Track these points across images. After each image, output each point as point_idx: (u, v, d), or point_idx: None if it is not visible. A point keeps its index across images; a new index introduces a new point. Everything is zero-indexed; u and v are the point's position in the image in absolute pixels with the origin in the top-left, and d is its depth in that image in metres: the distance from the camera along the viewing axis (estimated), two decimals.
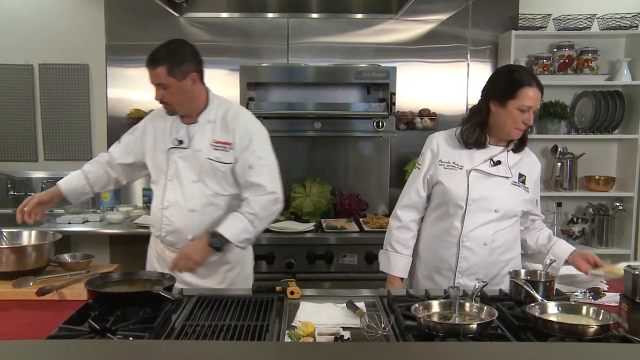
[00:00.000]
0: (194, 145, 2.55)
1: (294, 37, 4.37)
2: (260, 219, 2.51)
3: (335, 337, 1.80)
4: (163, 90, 2.48)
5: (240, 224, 2.48)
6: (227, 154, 2.54)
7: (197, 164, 2.54)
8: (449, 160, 2.48)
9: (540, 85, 2.37)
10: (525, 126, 2.40)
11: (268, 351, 1.41)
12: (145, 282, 2.16)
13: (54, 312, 2.03)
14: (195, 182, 2.55)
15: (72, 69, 4.40)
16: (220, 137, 2.55)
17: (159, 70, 2.46)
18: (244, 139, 2.55)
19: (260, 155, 2.56)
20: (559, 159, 4.40)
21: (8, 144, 4.45)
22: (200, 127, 2.57)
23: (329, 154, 4.31)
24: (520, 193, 2.46)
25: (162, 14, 4.18)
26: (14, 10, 4.35)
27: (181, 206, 2.55)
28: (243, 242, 2.51)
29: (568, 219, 4.52)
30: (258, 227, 2.52)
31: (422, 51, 4.40)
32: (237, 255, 2.66)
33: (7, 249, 2.38)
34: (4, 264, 2.32)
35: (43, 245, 2.46)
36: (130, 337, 1.72)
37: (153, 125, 2.68)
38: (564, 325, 1.70)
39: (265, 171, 2.56)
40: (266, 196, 2.53)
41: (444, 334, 1.71)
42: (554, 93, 4.41)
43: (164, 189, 2.59)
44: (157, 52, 2.50)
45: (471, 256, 2.45)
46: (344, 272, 3.58)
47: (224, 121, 2.58)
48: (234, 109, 2.63)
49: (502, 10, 4.39)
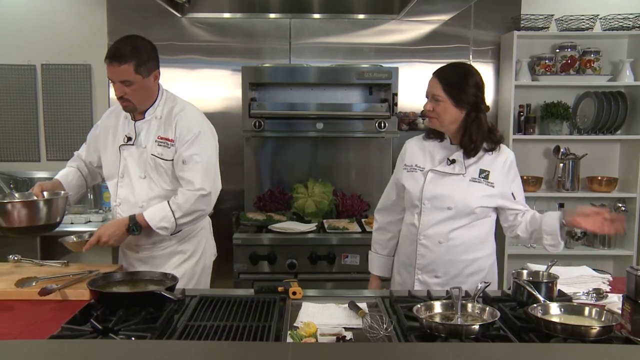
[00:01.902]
0: (140, 142, 2.61)
1: (296, 37, 4.37)
2: (182, 210, 2.54)
3: (337, 337, 1.80)
4: (126, 88, 2.50)
5: (162, 211, 2.54)
6: (168, 150, 2.58)
7: (143, 161, 2.60)
8: (412, 164, 2.57)
9: (436, 73, 2.45)
10: (430, 113, 2.45)
11: (270, 352, 1.42)
12: (147, 283, 2.16)
13: (57, 312, 2.03)
14: (143, 179, 2.62)
15: (74, 69, 4.40)
16: (164, 133, 2.59)
17: (124, 67, 2.46)
18: (183, 135, 2.58)
19: (195, 152, 2.57)
20: (561, 160, 4.39)
21: (11, 144, 4.47)
22: (146, 124, 2.62)
23: (331, 154, 4.31)
24: (482, 189, 2.45)
25: (164, 14, 4.19)
26: (16, 11, 4.36)
27: (131, 202, 2.62)
28: (161, 229, 2.55)
29: None
30: (180, 219, 2.55)
31: (424, 52, 4.40)
32: (194, 246, 2.76)
33: (19, 202, 2.39)
34: (17, 218, 2.34)
35: (54, 200, 2.46)
36: (133, 337, 1.72)
37: (106, 123, 2.73)
38: (567, 326, 1.70)
39: (197, 168, 2.57)
40: (194, 192, 2.55)
41: (446, 335, 1.71)
42: (556, 94, 4.42)
43: (116, 186, 2.67)
44: (121, 49, 2.47)
45: (428, 254, 2.50)
46: (346, 273, 3.57)
47: (168, 117, 2.61)
48: (179, 105, 2.66)
49: (504, 10, 4.39)
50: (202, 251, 2.81)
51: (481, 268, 2.51)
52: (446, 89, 2.40)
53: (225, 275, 3.63)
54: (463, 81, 2.41)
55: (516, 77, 4.28)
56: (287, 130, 4.06)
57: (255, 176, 4.30)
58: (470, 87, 2.41)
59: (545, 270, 2.24)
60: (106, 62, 2.48)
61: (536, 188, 4.44)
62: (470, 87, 2.41)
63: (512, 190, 2.51)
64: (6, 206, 2.35)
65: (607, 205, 4.41)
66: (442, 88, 2.40)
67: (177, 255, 2.73)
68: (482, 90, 2.44)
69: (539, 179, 4.47)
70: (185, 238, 2.74)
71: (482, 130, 2.43)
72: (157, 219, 2.53)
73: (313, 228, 3.74)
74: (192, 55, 4.35)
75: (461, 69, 2.48)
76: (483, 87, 2.45)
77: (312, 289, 2.32)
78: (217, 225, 4.21)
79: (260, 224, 3.79)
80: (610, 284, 2.43)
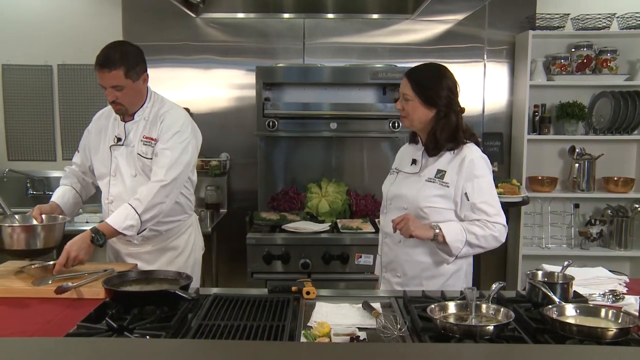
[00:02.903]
0: (128, 142, 2.68)
1: (310, 37, 4.37)
2: (144, 204, 2.53)
3: (351, 337, 1.80)
4: (117, 92, 2.58)
5: (125, 211, 2.53)
6: (151, 149, 2.65)
7: (132, 160, 2.68)
8: (394, 167, 2.64)
9: (407, 73, 2.47)
10: (400, 112, 2.48)
11: (284, 351, 1.42)
12: (161, 281, 2.17)
13: (72, 310, 2.04)
14: (134, 177, 2.68)
15: (89, 69, 4.42)
16: (149, 132, 2.67)
17: (115, 73, 2.54)
18: (163, 133, 2.64)
19: (168, 147, 2.62)
20: (577, 160, 4.36)
21: (27, 143, 4.51)
22: (135, 124, 2.69)
23: (344, 154, 4.31)
24: (435, 189, 2.42)
25: (179, 15, 4.21)
26: (34, 13, 4.41)
27: (124, 199, 2.64)
28: (128, 228, 2.52)
29: (586, 220, 4.49)
30: (144, 214, 2.53)
31: (438, 51, 4.39)
32: (184, 242, 2.84)
33: (19, 227, 2.45)
34: (15, 242, 2.39)
35: (53, 226, 2.51)
36: (147, 336, 1.73)
37: (97, 125, 2.80)
38: (583, 328, 1.68)
39: (165, 161, 2.60)
40: (154, 183, 2.57)
41: (461, 336, 1.70)
42: (572, 93, 4.38)
43: (109, 184, 2.73)
44: (109, 55, 2.55)
45: (389, 252, 2.57)
46: (360, 273, 3.57)
47: (155, 117, 2.69)
48: (166, 107, 2.73)
49: (519, 10, 4.36)
50: (192, 246, 2.90)
51: (441, 273, 2.46)
52: (415, 88, 2.41)
53: (238, 274, 3.65)
54: (432, 81, 2.42)
55: (531, 77, 4.26)
56: (301, 130, 4.06)
57: (269, 176, 4.31)
58: (440, 87, 2.41)
59: (560, 271, 2.22)
60: (96, 69, 2.56)
61: (551, 189, 4.41)
62: (440, 87, 2.41)
63: (466, 190, 2.39)
64: (6, 230, 2.40)
65: (624, 205, 4.37)
66: (411, 87, 2.42)
67: (169, 251, 2.80)
68: (453, 91, 2.43)
69: (554, 180, 4.44)
70: (175, 235, 2.81)
71: (447, 130, 2.41)
72: (120, 220, 2.51)
73: (327, 228, 3.74)
74: (206, 56, 4.37)
75: (432, 70, 2.49)
76: (455, 88, 2.44)
77: (326, 289, 2.32)
78: (231, 224, 4.26)
79: (274, 223, 3.79)
80: (627, 285, 2.40)
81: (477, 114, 4.43)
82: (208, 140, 4.02)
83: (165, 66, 4.29)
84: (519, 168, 4.35)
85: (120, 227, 2.51)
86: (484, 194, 2.38)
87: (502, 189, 3.97)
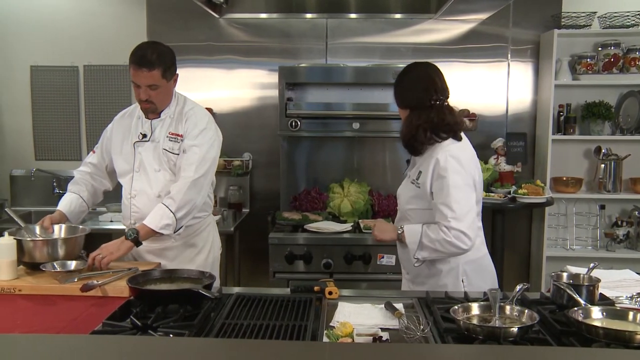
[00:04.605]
0: (154, 138, 2.73)
1: (333, 37, 4.37)
2: (177, 203, 2.58)
3: (373, 338, 1.80)
4: (152, 91, 2.63)
5: (159, 211, 2.58)
6: (177, 145, 2.71)
7: (157, 155, 2.73)
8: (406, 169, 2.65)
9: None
10: None
11: (307, 351, 1.42)
12: (185, 280, 2.19)
13: (97, 308, 2.07)
14: (158, 172, 2.73)
15: (114, 70, 4.49)
16: (174, 129, 2.73)
17: (154, 72, 2.58)
18: (190, 130, 2.71)
19: (196, 144, 2.69)
20: (603, 161, 4.30)
21: (54, 143, 4.59)
22: (161, 122, 2.75)
23: (367, 154, 4.31)
24: (412, 190, 2.46)
25: (202, 16, 4.24)
26: (60, 16, 4.48)
27: (148, 193, 2.71)
28: (164, 227, 2.57)
29: (612, 221, 4.42)
30: (178, 212, 2.58)
31: (462, 51, 4.36)
32: (204, 240, 2.88)
33: (40, 241, 2.48)
34: (37, 255, 2.43)
35: (73, 239, 2.55)
36: (171, 335, 1.75)
37: (120, 125, 2.85)
38: (610, 331, 1.66)
39: (194, 158, 2.66)
40: (184, 180, 2.63)
41: (484, 337, 1.69)
42: (598, 93, 4.33)
43: (132, 180, 2.76)
44: (148, 55, 2.59)
45: (400, 251, 2.59)
46: (382, 273, 3.56)
47: (180, 115, 2.75)
48: (190, 104, 2.81)
49: (544, 8, 4.31)
50: (211, 245, 2.93)
51: (433, 273, 2.45)
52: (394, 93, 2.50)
53: (261, 274, 3.67)
54: (398, 81, 2.47)
55: (556, 77, 4.20)
56: (324, 130, 4.06)
57: (291, 176, 4.32)
58: (404, 87, 2.44)
59: (586, 273, 2.19)
60: (133, 67, 2.59)
61: (576, 189, 4.36)
62: (404, 87, 2.44)
63: (433, 190, 2.36)
64: (28, 244, 2.44)
65: None
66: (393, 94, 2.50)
67: (190, 248, 2.83)
68: (417, 87, 2.40)
69: (579, 180, 4.38)
70: (195, 232, 2.84)
71: (408, 129, 2.39)
72: (157, 220, 2.56)
73: (349, 228, 3.73)
74: (229, 56, 4.39)
75: (403, 70, 2.50)
76: (419, 84, 2.40)
77: (348, 289, 2.31)
78: (253, 224, 4.27)
79: (296, 223, 3.80)
80: None
81: (501, 114, 4.39)
82: (231, 140, 4.07)
83: (189, 66, 4.32)
84: (543, 169, 4.30)
85: (157, 226, 2.56)
86: (444, 195, 2.31)
87: (526, 189, 3.93)
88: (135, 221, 2.73)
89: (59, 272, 2.35)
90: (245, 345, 1.56)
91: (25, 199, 4.53)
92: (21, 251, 2.41)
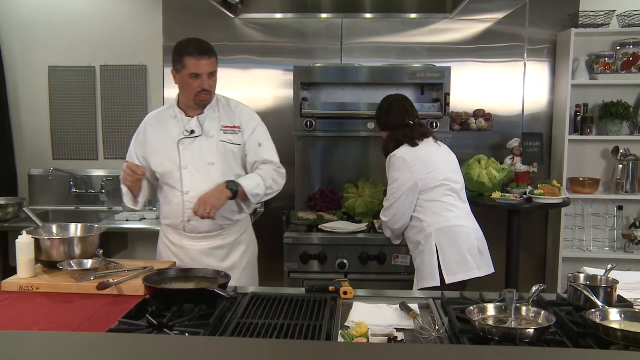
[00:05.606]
0: (206, 132, 2.79)
1: (348, 37, 4.37)
2: (268, 181, 2.80)
3: (389, 338, 1.79)
4: (211, 80, 2.74)
5: (255, 179, 2.77)
6: (237, 136, 2.83)
7: (211, 148, 2.78)
8: None
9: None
10: None
11: (322, 351, 1.42)
12: (200, 280, 2.20)
13: (113, 306, 2.09)
14: (211, 165, 2.78)
15: (131, 70, 4.53)
16: (228, 122, 2.84)
17: (214, 59, 2.73)
18: (249, 123, 2.86)
19: (267, 137, 2.91)
20: (621, 161, 4.25)
21: (71, 143, 4.63)
22: (207, 116, 2.82)
23: (381, 154, 4.26)
24: None
25: (218, 16, 4.26)
26: (77, 17, 4.52)
27: (202, 188, 2.72)
28: (255, 196, 2.76)
29: (630, 222, 4.38)
30: (268, 189, 2.80)
31: (478, 51, 4.33)
32: (249, 238, 3.00)
33: (57, 240, 2.51)
34: (55, 253, 2.46)
35: (89, 238, 2.58)
36: (187, 333, 1.76)
37: (154, 128, 2.87)
38: (629, 334, 1.64)
39: (273, 151, 2.90)
40: (278, 169, 2.87)
41: (500, 338, 1.68)
42: (616, 93, 4.28)
43: (181, 177, 2.78)
44: (205, 45, 2.74)
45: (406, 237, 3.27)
46: (397, 274, 3.55)
47: (227, 109, 2.87)
48: (233, 100, 2.95)
49: (561, 7, 4.27)
50: (254, 243, 3.07)
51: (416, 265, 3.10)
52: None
53: (275, 274, 3.67)
54: (378, 112, 3.29)
55: (573, 76, 4.17)
56: (338, 130, 4.06)
57: (306, 176, 4.32)
58: (379, 116, 3.27)
59: (603, 274, 2.17)
60: (195, 57, 2.67)
61: (593, 190, 4.31)
62: (379, 116, 3.27)
63: None
64: (45, 242, 2.47)
65: None
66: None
67: (239, 245, 2.91)
68: (386, 113, 3.21)
69: (596, 181, 4.34)
70: (242, 228, 2.92)
71: (384, 145, 3.22)
72: (252, 186, 2.73)
73: (363, 228, 3.73)
74: (244, 56, 4.40)
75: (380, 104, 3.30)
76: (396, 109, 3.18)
77: (363, 289, 2.31)
78: (268, 224, 4.27)
79: (311, 223, 3.80)
80: None
81: (517, 114, 4.36)
82: None
83: None
84: (559, 169, 4.27)
85: (251, 192, 2.73)
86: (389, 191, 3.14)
87: (542, 190, 3.90)
88: (190, 218, 2.75)
89: (75, 270, 2.37)
90: (260, 345, 1.57)
91: (43, 198, 4.58)
92: (39, 250, 2.43)
